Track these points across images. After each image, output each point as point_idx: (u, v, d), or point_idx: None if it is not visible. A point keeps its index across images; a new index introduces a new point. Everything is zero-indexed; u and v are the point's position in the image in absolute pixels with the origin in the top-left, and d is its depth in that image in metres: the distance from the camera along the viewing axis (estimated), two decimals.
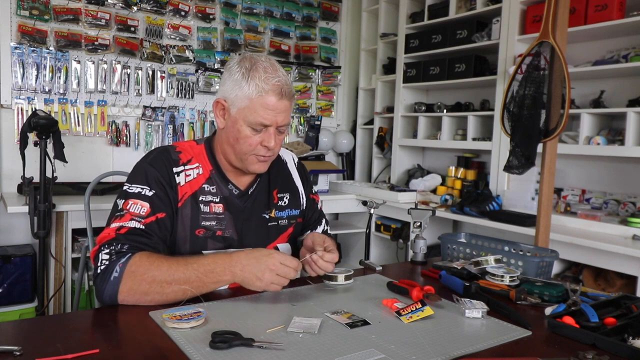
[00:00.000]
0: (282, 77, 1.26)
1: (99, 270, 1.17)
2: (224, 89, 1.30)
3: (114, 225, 1.22)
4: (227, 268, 1.17)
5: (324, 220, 1.61)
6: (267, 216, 1.42)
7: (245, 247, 1.36)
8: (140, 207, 1.24)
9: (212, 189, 1.35)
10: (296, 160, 1.59)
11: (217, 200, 1.35)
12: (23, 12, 2.91)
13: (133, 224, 1.22)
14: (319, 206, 1.61)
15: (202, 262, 1.17)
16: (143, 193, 1.26)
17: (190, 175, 1.33)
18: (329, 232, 1.62)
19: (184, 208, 1.31)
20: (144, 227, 1.22)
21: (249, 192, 1.40)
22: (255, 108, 1.25)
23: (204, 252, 1.32)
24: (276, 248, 1.43)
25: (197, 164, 1.35)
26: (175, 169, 1.32)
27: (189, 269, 1.15)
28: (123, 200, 1.26)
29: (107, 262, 1.16)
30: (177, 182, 1.31)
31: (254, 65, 1.26)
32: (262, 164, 1.34)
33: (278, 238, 1.44)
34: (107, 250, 1.18)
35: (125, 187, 1.29)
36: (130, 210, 1.24)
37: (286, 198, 1.47)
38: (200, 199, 1.33)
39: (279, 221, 1.45)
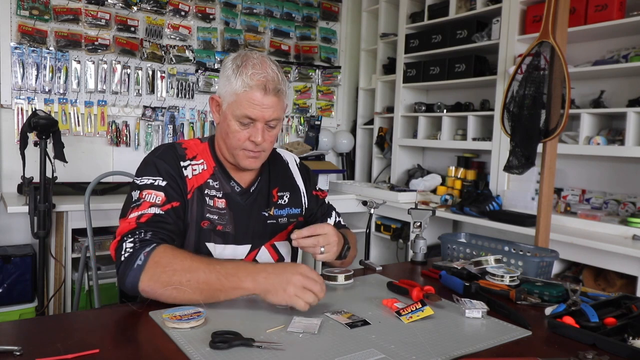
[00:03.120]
0: (270, 74, 1.28)
1: (122, 258, 1.17)
2: (218, 86, 1.34)
3: (133, 215, 1.23)
4: (250, 274, 1.11)
5: (334, 213, 1.62)
6: (267, 214, 1.43)
7: (241, 244, 1.38)
8: (156, 197, 1.26)
9: (216, 184, 1.38)
10: (298, 161, 1.61)
11: (220, 195, 1.37)
12: (23, 12, 2.91)
13: (153, 210, 1.24)
14: (326, 201, 1.62)
15: (225, 265, 1.15)
16: (156, 184, 1.28)
17: (196, 169, 1.36)
18: (341, 223, 1.63)
19: (192, 200, 1.33)
20: (163, 213, 1.24)
21: (251, 190, 1.42)
22: (241, 102, 1.27)
23: (207, 244, 1.34)
24: (274, 246, 1.44)
25: (201, 161, 1.38)
26: (182, 163, 1.35)
27: (210, 269, 1.12)
28: (138, 192, 1.28)
29: (131, 250, 1.16)
30: (185, 174, 1.34)
31: (245, 62, 1.28)
32: (252, 160, 1.35)
33: (277, 236, 1.45)
34: (132, 239, 1.18)
35: (136, 180, 1.30)
36: (147, 199, 1.25)
37: (286, 197, 1.49)
38: (206, 192, 1.36)
39: (279, 219, 1.46)
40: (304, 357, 0.90)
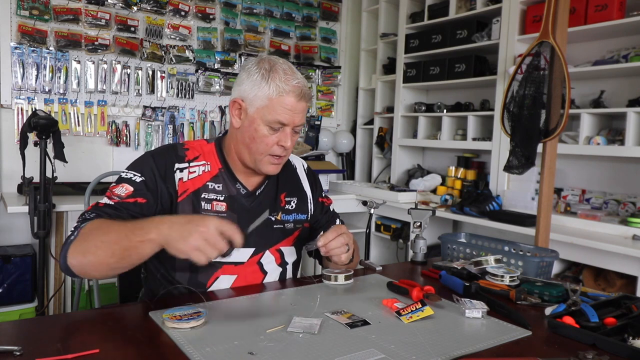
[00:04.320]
0: (301, 80, 1.29)
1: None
2: (241, 89, 1.32)
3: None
4: (155, 225, 1.07)
5: (337, 220, 1.62)
6: (274, 218, 1.43)
7: (245, 247, 1.36)
8: (124, 190, 1.27)
9: (218, 187, 1.36)
10: (306, 166, 1.61)
11: (221, 198, 1.35)
12: (23, 12, 2.91)
13: (107, 200, 1.25)
14: (330, 208, 1.62)
15: (136, 221, 1.13)
16: (133, 179, 1.29)
17: (194, 172, 1.35)
18: None
19: (184, 204, 1.32)
20: (114, 204, 1.24)
21: (257, 193, 1.41)
22: (274, 107, 1.27)
23: None
24: (279, 250, 1.43)
25: (204, 162, 1.37)
26: (178, 165, 1.34)
27: (122, 227, 1.10)
28: (113, 184, 1.30)
29: (72, 229, 1.18)
30: (179, 177, 1.33)
31: (273, 67, 1.28)
32: (276, 166, 1.35)
33: (283, 241, 1.44)
34: (79, 220, 1.20)
35: (121, 173, 1.32)
36: (114, 191, 1.27)
37: (294, 202, 1.48)
38: (203, 196, 1.34)
39: (285, 224, 1.45)
40: (304, 357, 0.90)
